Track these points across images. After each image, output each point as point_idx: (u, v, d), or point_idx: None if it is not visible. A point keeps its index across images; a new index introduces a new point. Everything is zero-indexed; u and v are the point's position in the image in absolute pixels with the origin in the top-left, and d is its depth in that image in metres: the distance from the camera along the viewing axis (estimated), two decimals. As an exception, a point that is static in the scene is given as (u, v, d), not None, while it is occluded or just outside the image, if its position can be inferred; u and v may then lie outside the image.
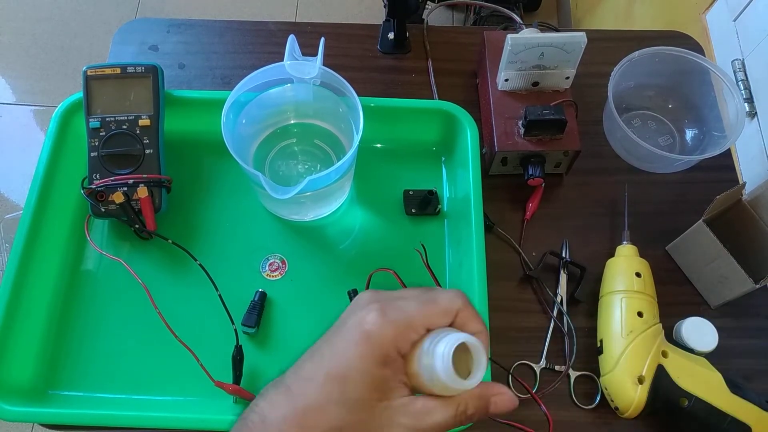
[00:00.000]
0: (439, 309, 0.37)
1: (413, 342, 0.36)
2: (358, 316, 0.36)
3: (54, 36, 1.88)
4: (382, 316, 0.35)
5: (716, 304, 0.69)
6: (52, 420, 0.60)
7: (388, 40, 0.84)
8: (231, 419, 0.59)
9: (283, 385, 0.37)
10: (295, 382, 0.37)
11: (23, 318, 0.63)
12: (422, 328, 0.36)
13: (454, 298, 0.37)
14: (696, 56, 0.75)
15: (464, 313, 0.37)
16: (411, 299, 0.37)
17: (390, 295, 0.38)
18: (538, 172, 0.71)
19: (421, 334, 0.36)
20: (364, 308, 0.36)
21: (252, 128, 0.71)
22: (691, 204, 0.72)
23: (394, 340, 0.35)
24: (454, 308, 0.37)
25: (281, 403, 0.36)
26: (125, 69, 0.69)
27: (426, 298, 0.37)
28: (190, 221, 0.71)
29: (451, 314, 0.37)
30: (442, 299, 0.37)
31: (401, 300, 0.37)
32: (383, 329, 0.35)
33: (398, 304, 0.36)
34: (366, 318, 0.36)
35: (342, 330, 0.37)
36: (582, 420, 0.64)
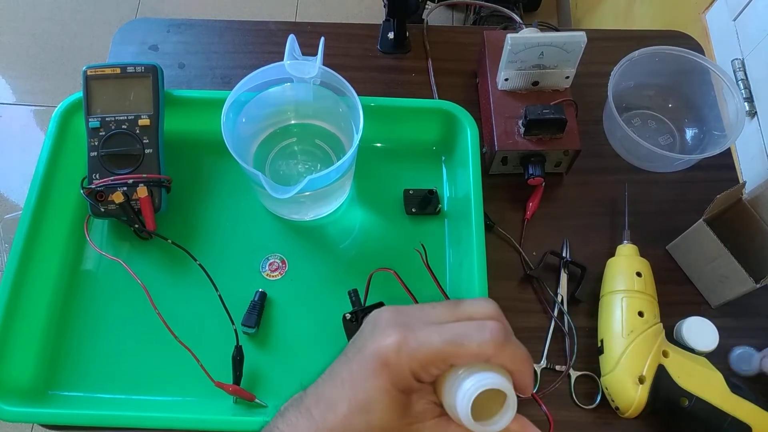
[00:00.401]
0: (467, 353, 0.33)
1: (437, 375, 0.34)
2: (377, 342, 0.34)
3: (54, 36, 1.88)
4: (402, 346, 0.33)
5: (716, 303, 0.69)
6: (52, 420, 0.60)
7: (388, 40, 0.84)
8: (231, 419, 0.59)
9: (303, 407, 0.36)
10: (316, 406, 0.35)
11: (23, 318, 0.63)
12: (445, 365, 0.34)
13: (486, 344, 0.33)
14: (696, 56, 0.75)
15: (500, 358, 0.33)
16: (436, 330, 0.34)
17: (413, 317, 0.35)
18: (538, 172, 0.71)
19: (444, 368, 0.34)
20: (383, 333, 0.34)
21: (252, 128, 0.71)
22: (691, 203, 0.72)
23: (414, 374, 0.33)
24: (483, 355, 0.33)
25: (302, 427, 0.35)
26: (125, 69, 0.69)
27: (452, 333, 0.33)
28: (190, 221, 0.71)
29: (479, 358, 0.33)
30: (471, 342, 0.33)
31: (425, 328, 0.34)
32: (402, 360, 0.33)
33: (421, 335, 0.33)
34: (383, 346, 0.34)
35: (361, 355, 0.35)
36: (582, 420, 0.64)
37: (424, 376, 0.34)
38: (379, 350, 0.34)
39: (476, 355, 0.33)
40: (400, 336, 0.33)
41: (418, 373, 0.34)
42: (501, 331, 0.34)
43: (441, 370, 0.34)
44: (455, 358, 0.33)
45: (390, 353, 0.33)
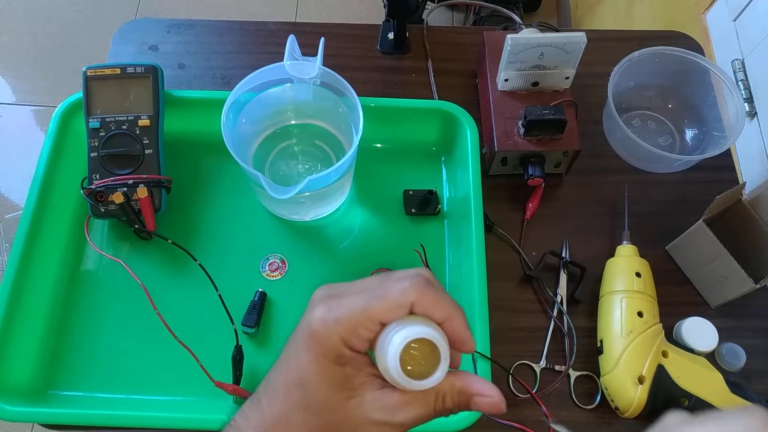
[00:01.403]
0: (388, 304, 0.33)
1: (367, 339, 0.34)
2: (307, 317, 0.34)
3: (54, 36, 1.88)
4: (327, 314, 0.33)
5: (716, 304, 0.69)
6: (52, 420, 0.60)
7: (388, 40, 0.84)
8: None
9: (255, 397, 0.36)
10: (264, 394, 0.36)
11: (23, 318, 0.63)
12: (373, 324, 0.33)
13: (406, 290, 0.33)
14: (696, 56, 0.75)
15: (422, 305, 0.33)
16: (360, 294, 0.34)
17: (341, 288, 0.35)
18: (538, 172, 0.71)
19: (375, 330, 0.34)
20: (313, 308, 0.34)
21: (252, 128, 0.71)
22: (691, 204, 0.72)
23: (342, 340, 0.33)
24: (406, 302, 0.33)
25: (253, 416, 0.36)
26: (125, 69, 0.69)
27: (375, 293, 0.34)
28: (190, 221, 0.71)
29: (402, 308, 0.33)
30: (392, 292, 0.33)
31: (350, 296, 0.34)
32: (329, 329, 0.33)
33: (345, 301, 0.34)
34: (312, 318, 0.34)
35: (295, 333, 0.35)
36: (582, 420, 0.64)
37: (354, 341, 0.33)
38: (309, 324, 0.34)
39: (398, 304, 0.33)
40: (325, 307, 0.34)
41: (347, 338, 0.33)
42: (422, 278, 0.34)
43: (371, 332, 0.34)
44: (380, 311, 0.33)
45: (316, 324, 0.33)
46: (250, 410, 0.36)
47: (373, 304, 0.33)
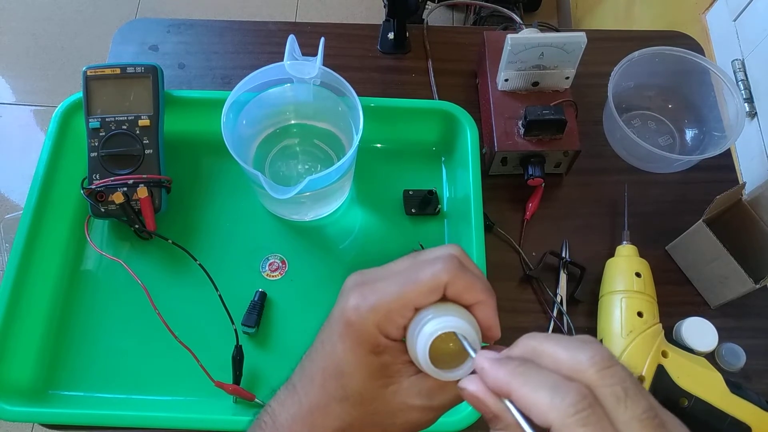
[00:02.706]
0: (422, 288, 0.32)
1: (402, 325, 0.33)
2: (341, 305, 0.34)
3: (54, 36, 1.88)
4: (362, 302, 0.33)
5: (716, 304, 0.69)
6: (52, 420, 0.60)
7: (388, 40, 0.84)
8: (231, 419, 0.59)
9: (290, 384, 0.36)
10: (300, 381, 0.36)
11: (23, 318, 0.63)
12: (407, 310, 0.33)
13: (438, 273, 0.32)
14: (696, 56, 0.75)
15: (455, 287, 0.32)
16: (393, 278, 0.33)
17: (374, 274, 0.35)
18: (538, 172, 0.71)
19: (408, 316, 0.33)
20: (346, 296, 0.34)
21: (252, 128, 0.71)
22: (691, 204, 0.72)
23: (378, 328, 0.33)
24: (440, 285, 0.32)
25: (289, 403, 0.36)
26: (125, 69, 0.69)
27: (407, 276, 0.33)
28: (190, 221, 0.71)
29: (437, 291, 0.32)
30: (424, 275, 0.32)
31: (383, 281, 0.33)
32: (364, 317, 0.33)
33: (378, 286, 0.33)
34: (347, 306, 0.33)
35: (330, 322, 0.35)
36: (582, 420, 0.64)
37: (390, 328, 0.33)
38: (342, 313, 0.33)
39: (431, 288, 0.32)
40: (359, 294, 0.33)
41: (383, 325, 0.33)
42: (454, 260, 0.33)
43: (406, 318, 0.33)
44: (413, 297, 0.33)
45: (351, 313, 0.33)
46: (285, 397, 0.36)
47: (407, 290, 0.33)
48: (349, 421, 0.34)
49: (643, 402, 0.26)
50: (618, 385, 0.27)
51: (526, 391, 0.27)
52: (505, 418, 0.29)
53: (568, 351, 0.28)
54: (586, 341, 0.29)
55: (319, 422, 0.35)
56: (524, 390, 0.27)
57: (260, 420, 0.36)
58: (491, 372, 0.30)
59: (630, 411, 0.26)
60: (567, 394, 0.26)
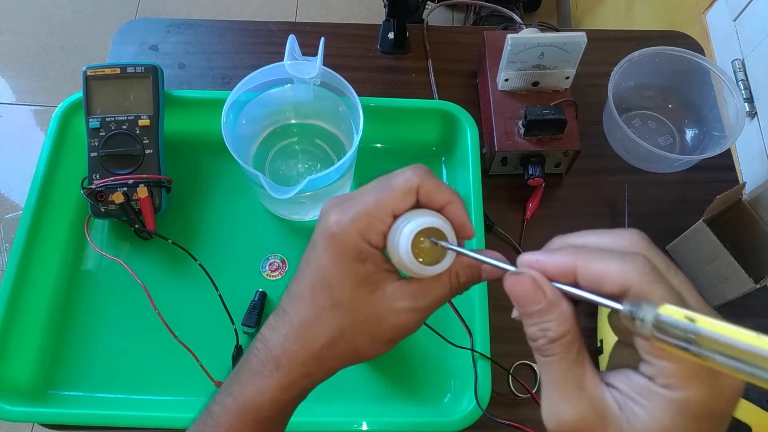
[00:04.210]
0: (398, 192, 0.35)
1: (383, 232, 0.35)
2: (321, 224, 0.36)
3: (54, 36, 1.88)
4: (342, 216, 0.35)
5: (716, 304, 0.69)
6: (52, 420, 0.60)
7: (388, 40, 0.84)
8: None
9: (280, 309, 0.38)
10: (288, 303, 0.37)
11: (23, 318, 0.63)
12: (386, 215, 0.35)
13: (410, 177, 0.36)
14: (696, 56, 0.75)
15: (425, 188, 0.36)
16: (368, 191, 0.36)
17: (349, 194, 0.37)
18: (538, 172, 0.71)
19: (388, 222, 0.35)
20: (325, 216, 0.36)
21: (252, 128, 0.71)
22: (691, 204, 0.72)
23: (361, 235, 0.35)
24: (413, 186, 0.35)
25: (279, 325, 0.37)
26: (125, 69, 0.69)
27: (383, 186, 0.36)
28: (190, 221, 0.71)
29: (411, 194, 0.35)
30: (398, 181, 0.36)
31: (359, 195, 0.36)
32: (346, 228, 0.35)
33: (356, 200, 0.36)
34: (328, 222, 0.35)
35: (312, 242, 0.37)
36: (582, 420, 0.64)
37: (372, 235, 0.35)
38: (325, 229, 0.36)
39: (406, 191, 0.35)
40: (339, 209, 0.36)
41: (365, 232, 0.35)
42: (421, 167, 0.36)
43: (385, 224, 0.35)
44: (390, 202, 0.35)
45: (333, 226, 0.35)
46: (275, 321, 0.37)
47: (384, 196, 0.35)
48: (340, 329, 0.36)
49: (681, 272, 0.29)
50: (662, 257, 0.29)
51: (596, 264, 0.28)
52: (560, 305, 0.30)
53: (609, 236, 0.31)
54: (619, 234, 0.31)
55: (311, 334, 0.36)
56: (594, 264, 0.28)
57: (253, 348, 0.38)
58: (550, 258, 0.31)
59: (678, 277, 0.29)
60: (636, 259, 0.28)
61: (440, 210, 0.37)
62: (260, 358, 0.37)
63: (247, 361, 0.37)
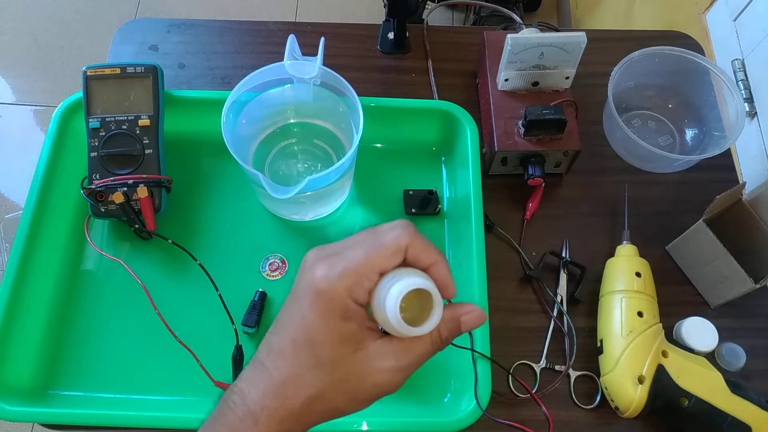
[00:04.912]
0: (386, 251, 0.35)
1: (368, 289, 0.35)
2: (307, 278, 0.36)
3: (54, 36, 1.88)
4: (329, 271, 0.35)
5: (716, 304, 0.69)
6: (52, 420, 0.60)
7: (388, 40, 0.84)
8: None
9: (257, 362, 0.37)
10: (267, 357, 0.37)
11: (23, 318, 0.63)
12: (373, 273, 0.35)
13: (400, 236, 0.36)
14: (696, 56, 0.75)
15: (414, 248, 0.36)
16: (356, 246, 0.36)
17: (335, 247, 0.37)
18: (538, 172, 0.71)
19: (374, 279, 0.35)
20: (311, 269, 0.36)
21: (252, 128, 0.71)
22: (691, 204, 0.72)
23: (348, 293, 0.35)
24: (402, 246, 0.36)
25: (258, 380, 0.36)
26: (125, 69, 0.69)
27: (371, 243, 0.36)
28: (190, 221, 0.71)
29: (399, 253, 0.36)
30: (387, 239, 0.36)
31: (347, 250, 0.36)
32: (333, 284, 0.34)
33: (344, 255, 0.36)
34: (315, 277, 0.35)
35: (297, 295, 0.36)
36: (582, 420, 0.64)
37: (358, 293, 0.35)
38: (311, 284, 0.35)
39: (394, 250, 0.35)
40: (326, 264, 0.35)
41: (352, 290, 0.35)
42: (410, 225, 0.37)
43: (372, 282, 0.35)
44: (379, 260, 0.35)
45: (320, 282, 0.35)
46: (253, 375, 0.37)
47: (373, 253, 0.35)
48: (321, 388, 0.35)
49: None
50: None
51: None
52: None
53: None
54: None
55: (291, 393, 0.35)
56: None
57: (227, 401, 0.37)
58: None
59: None
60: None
61: (425, 269, 0.37)
62: (237, 414, 0.36)
63: (222, 415, 0.36)
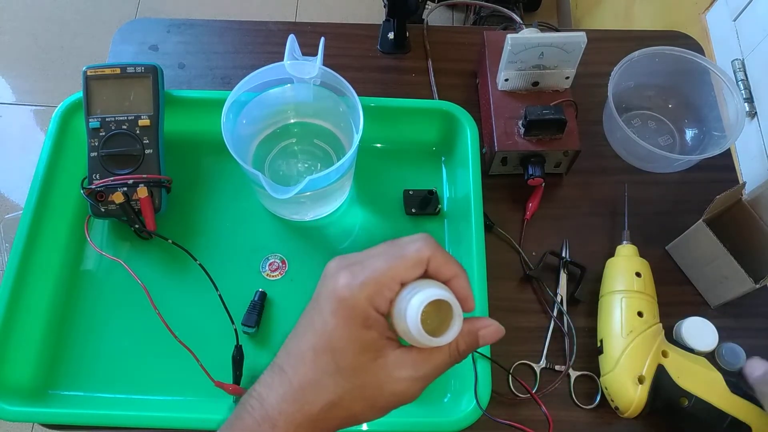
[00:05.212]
0: (408, 262, 0.36)
1: (389, 299, 0.36)
2: (329, 285, 0.36)
3: (54, 36, 1.88)
4: (352, 280, 0.35)
5: (716, 304, 0.69)
6: (52, 420, 0.60)
7: (388, 40, 0.84)
8: (231, 419, 0.59)
9: (276, 367, 0.37)
10: (287, 362, 0.37)
11: (23, 318, 0.63)
12: (395, 284, 0.36)
13: (421, 248, 0.36)
14: (696, 56, 0.75)
15: (436, 260, 0.36)
16: (378, 256, 0.36)
17: (357, 257, 0.37)
18: (538, 172, 0.71)
19: (396, 290, 0.36)
20: (333, 277, 0.36)
21: (252, 128, 0.71)
22: (691, 204, 0.72)
23: (369, 301, 0.35)
24: (423, 258, 0.36)
25: (277, 384, 0.37)
26: (125, 69, 0.69)
27: (393, 253, 0.36)
28: (190, 221, 0.71)
29: (421, 265, 0.36)
30: (409, 251, 0.36)
31: (369, 259, 0.36)
32: (355, 293, 0.35)
33: (366, 264, 0.36)
34: (337, 285, 0.35)
35: (318, 302, 0.37)
36: (582, 420, 0.64)
37: (380, 302, 0.35)
38: (333, 291, 0.36)
39: (416, 262, 0.36)
40: (348, 273, 0.36)
41: (374, 299, 0.35)
42: (430, 239, 0.37)
43: (393, 292, 0.36)
44: (401, 271, 0.36)
45: (342, 290, 0.35)
46: (272, 379, 0.37)
47: (395, 264, 0.36)
48: (340, 394, 0.36)
49: None
50: None
51: None
52: None
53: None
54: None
55: (310, 398, 0.36)
56: None
57: (245, 405, 0.37)
58: None
59: None
60: None
61: (446, 282, 0.37)
62: (255, 417, 0.36)
63: (240, 419, 0.37)
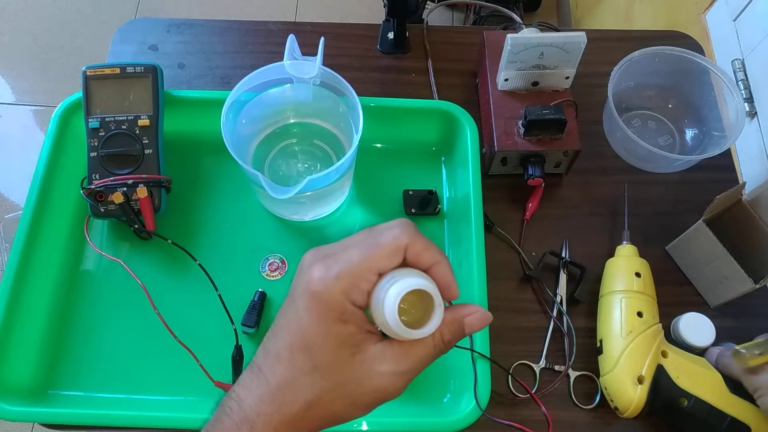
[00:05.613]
0: (385, 251, 0.34)
1: (367, 291, 0.34)
2: (304, 280, 0.35)
3: (54, 36, 1.88)
4: (326, 273, 0.34)
5: (716, 304, 0.69)
6: (52, 420, 0.60)
7: (388, 40, 0.84)
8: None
9: (255, 367, 0.36)
10: (264, 361, 0.36)
11: (23, 318, 0.63)
12: (372, 274, 0.34)
13: (398, 235, 0.34)
14: (696, 56, 0.75)
15: (414, 248, 0.35)
16: (354, 247, 0.35)
17: (332, 248, 0.36)
18: (537, 172, 0.71)
19: (373, 281, 0.34)
20: (307, 271, 0.34)
21: (252, 128, 0.71)
22: (690, 204, 0.72)
23: (345, 295, 0.34)
24: (401, 246, 0.34)
25: (255, 385, 0.36)
26: (125, 69, 0.69)
27: (369, 242, 0.35)
28: (190, 221, 0.71)
29: (398, 253, 0.34)
30: (385, 239, 0.34)
31: (344, 250, 0.35)
32: (330, 286, 0.33)
33: (341, 256, 0.34)
34: (311, 279, 0.34)
35: (293, 297, 0.35)
36: (582, 420, 0.64)
37: (356, 294, 0.34)
38: (307, 286, 0.34)
39: (393, 250, 0.34)
40: (323, 265, 0.34)
41: (349, 292, 0.34)
42: (409, 224, 0.35)
43: (370, 283, 0.34)
44: (377, 260, 0.34)
45: (316, 284, 0.34)
46: (250, 380, 0.36)
47: (370, 254, 0.34)
48: (319, 394, 0.35)
49: None
50: None
51: None
52: None
53: None
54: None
55: (288, 398, 0.35)
56: None
57: (224, 407, 0.36)
58: None
59: None
60: None
61: (426, 270, 0.36)
62: (234, 420, 0.35)
63: (219, 421, 0.36)
